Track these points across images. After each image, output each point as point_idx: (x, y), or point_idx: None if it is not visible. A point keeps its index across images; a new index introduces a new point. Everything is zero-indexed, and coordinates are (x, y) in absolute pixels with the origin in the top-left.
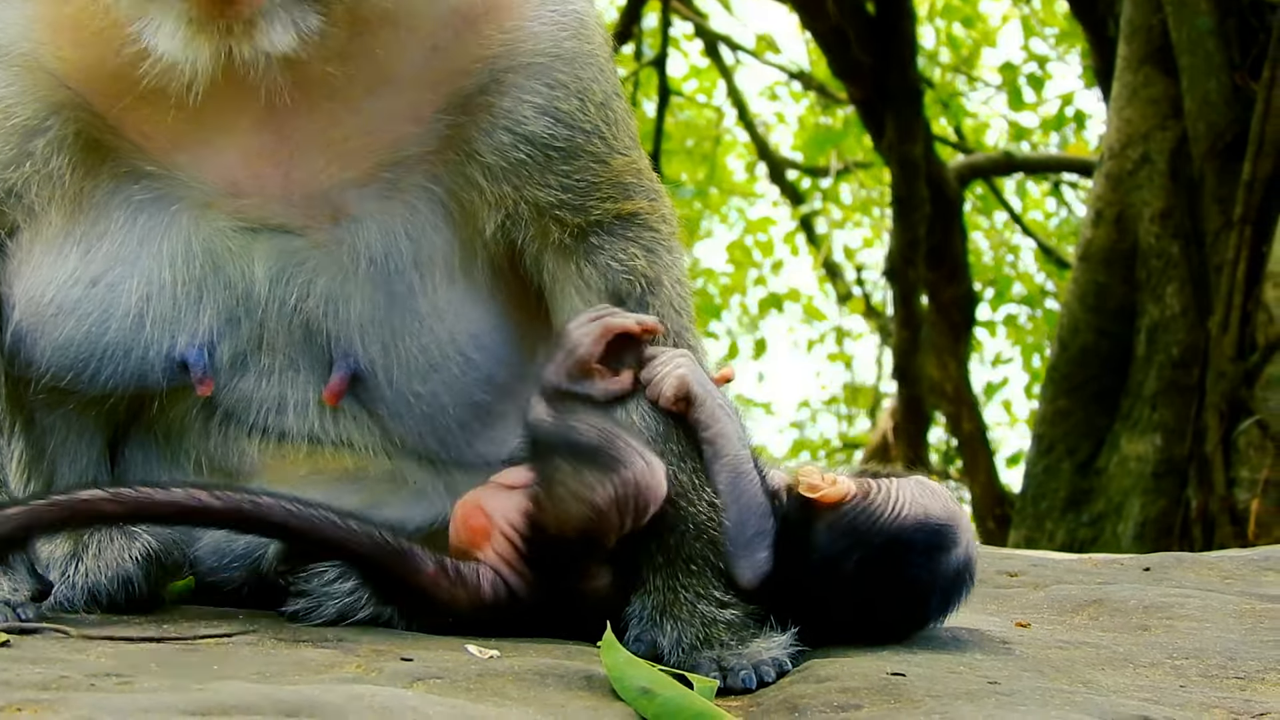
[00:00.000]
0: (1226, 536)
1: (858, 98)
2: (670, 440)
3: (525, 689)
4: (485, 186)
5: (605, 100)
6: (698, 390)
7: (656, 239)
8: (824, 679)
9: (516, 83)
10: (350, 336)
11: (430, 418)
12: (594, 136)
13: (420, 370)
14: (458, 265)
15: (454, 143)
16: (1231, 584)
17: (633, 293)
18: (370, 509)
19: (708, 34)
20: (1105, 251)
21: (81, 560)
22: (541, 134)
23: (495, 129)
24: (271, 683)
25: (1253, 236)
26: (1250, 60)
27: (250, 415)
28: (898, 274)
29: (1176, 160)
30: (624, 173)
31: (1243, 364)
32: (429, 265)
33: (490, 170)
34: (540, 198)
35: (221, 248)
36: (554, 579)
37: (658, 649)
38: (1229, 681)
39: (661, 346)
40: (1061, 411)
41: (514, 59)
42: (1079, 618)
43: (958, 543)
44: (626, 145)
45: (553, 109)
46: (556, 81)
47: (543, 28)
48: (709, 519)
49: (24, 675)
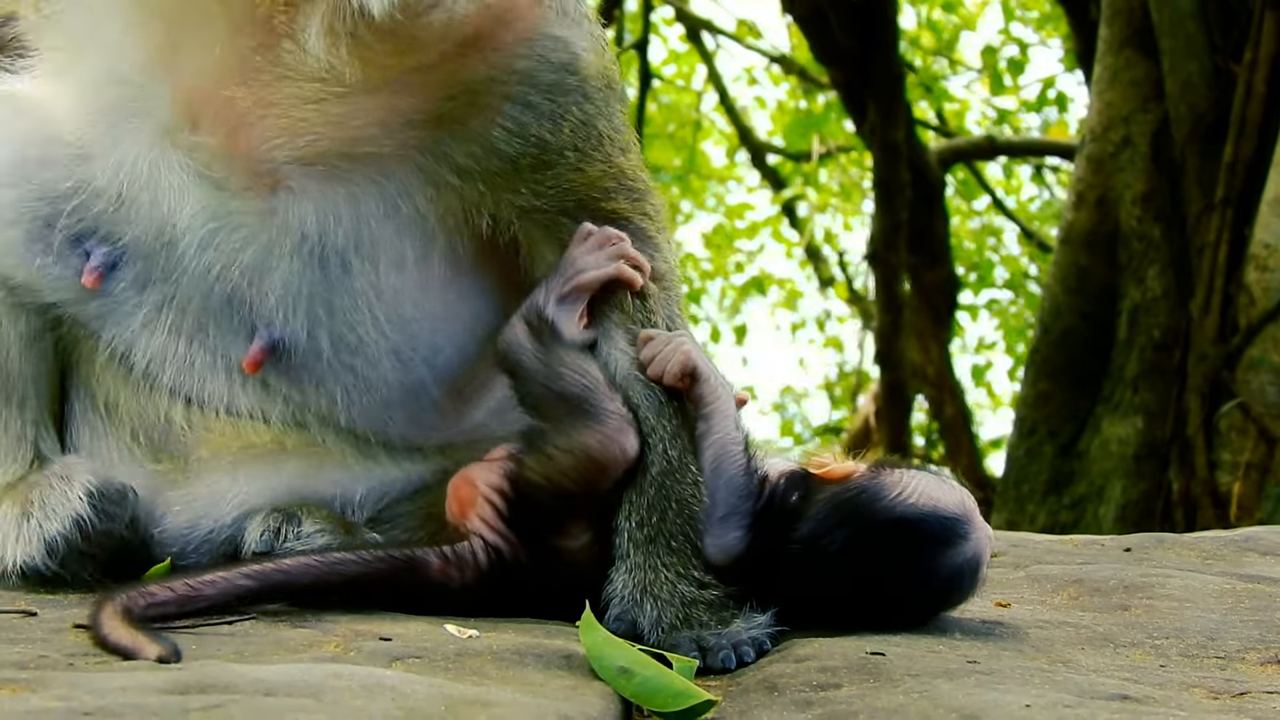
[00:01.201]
0: (1208, 519)
1: (839, 82)
2: (663, 416)
3: (504, 668)
4: (456, 184)
5: (586, 120)
6: (702, 367)
7: (638, 233)
8: (803, 658)
9: (491, 104)
10: (272, 307)
11: (357, 395)
12: (567, 151)
13: (349, 346)
14: (409, 252)
15: (419, 148)
16: (1212, 564)
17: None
18: (303, 484)
19: (689, 18)
20: (1087, 234)
21: (30, 517)
22: (510, 152)
23: (466, 140)
24: (250, 662)
25: (1234, 219)
26: (1231, 42)
27: (165, 375)
28: (879, 258)
29: (1158, 143)
30: (601, 178)
31: (1224, 346)
32: (371, 248)
33: (462, 170)
34: (513, 200)
35: (164, 180)
36: (536, 537)
37: (638, 628)
38: (1209, 661)
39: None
40: (1043, 394)
41: (494, 86)
42: (1059, 598)
43: (966, 539)
44: (607, 154)
45: (523, 133)
46: (530, 105)
47: (529, 63)
48: (692, 497)
49: (2, 655)
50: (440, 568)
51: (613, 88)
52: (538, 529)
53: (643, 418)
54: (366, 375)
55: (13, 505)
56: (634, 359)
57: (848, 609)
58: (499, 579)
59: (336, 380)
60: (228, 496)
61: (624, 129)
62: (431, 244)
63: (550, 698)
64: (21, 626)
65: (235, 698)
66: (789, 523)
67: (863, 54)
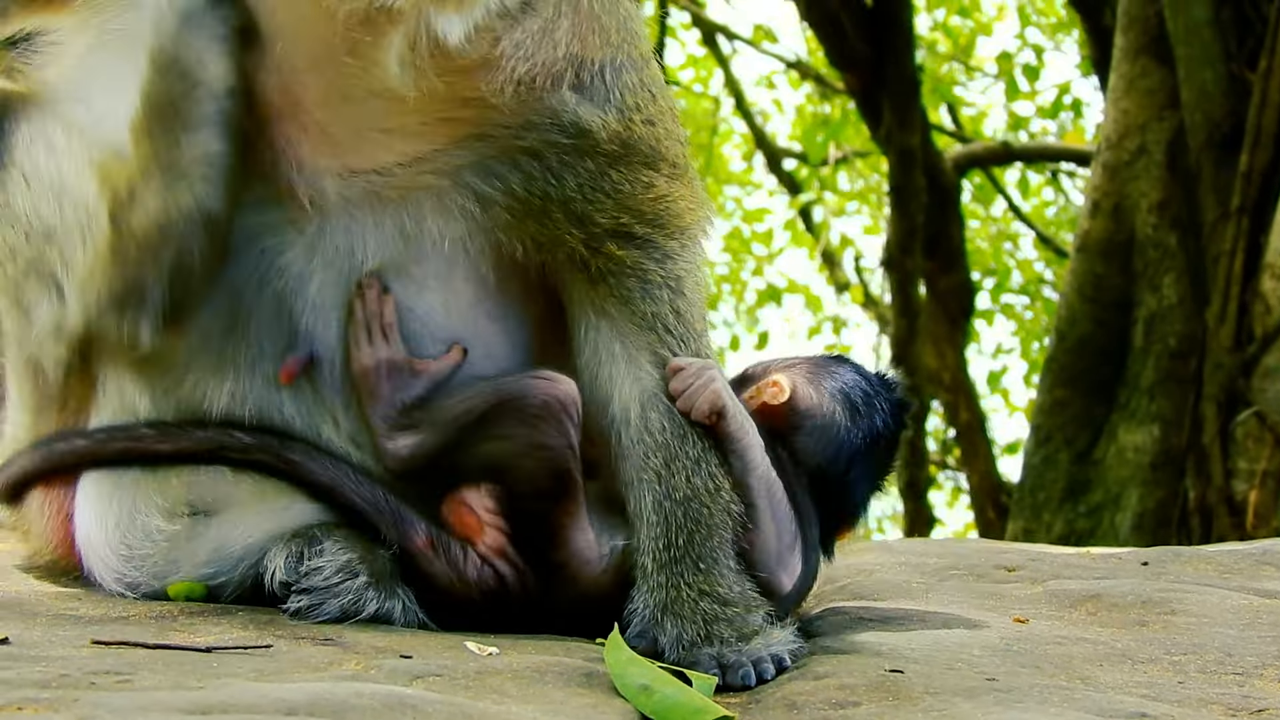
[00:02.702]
0: (1224, 528)
1: (855, 88)
2: (686, 444)
3: (524, 686)
4: (479, 213)
5: (596, 174)
6: (729, 405)
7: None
8: (822, 676)
9: (508, 148)
10: (310, 319)
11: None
12: (574, 201)
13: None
14: (438, 272)
15: (451, 174)
16: (1230, 579)
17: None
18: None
19: (705, 23)
20: (1103, 242)
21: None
22: (521, 194)
23: (489, 175)
24: (271, 681)
25: (1250, 227)
26: (1247, 51)
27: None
28: (895, 263)
29: (1174, 151)
30: (612, 223)
31: (1240, 354)
32: (398, 268)
33: (485, 201)
34: (533, 233)
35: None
36: (540, 556)
37: (658, 646)
38: (1227, 677)
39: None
40: (1059, 402)
41: (511, 133)
42: (1077, 613)
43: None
44: (620, 199)
45: (530, 180)
46: (538, 156)
47: (538, 119)
48: (723, 522)
49: (25, 674)
50: (422, 544)
51: (631, 144)
52: (540, 545)
53: (666, 443)
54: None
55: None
56: (659, 380)
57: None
58: (498, 602)
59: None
60: (246, 531)
61: (652, 168)
62: (458, 266)
63: (570, 716)
64: (42, 644)
65: (257, 717)
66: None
67: (878, 60)
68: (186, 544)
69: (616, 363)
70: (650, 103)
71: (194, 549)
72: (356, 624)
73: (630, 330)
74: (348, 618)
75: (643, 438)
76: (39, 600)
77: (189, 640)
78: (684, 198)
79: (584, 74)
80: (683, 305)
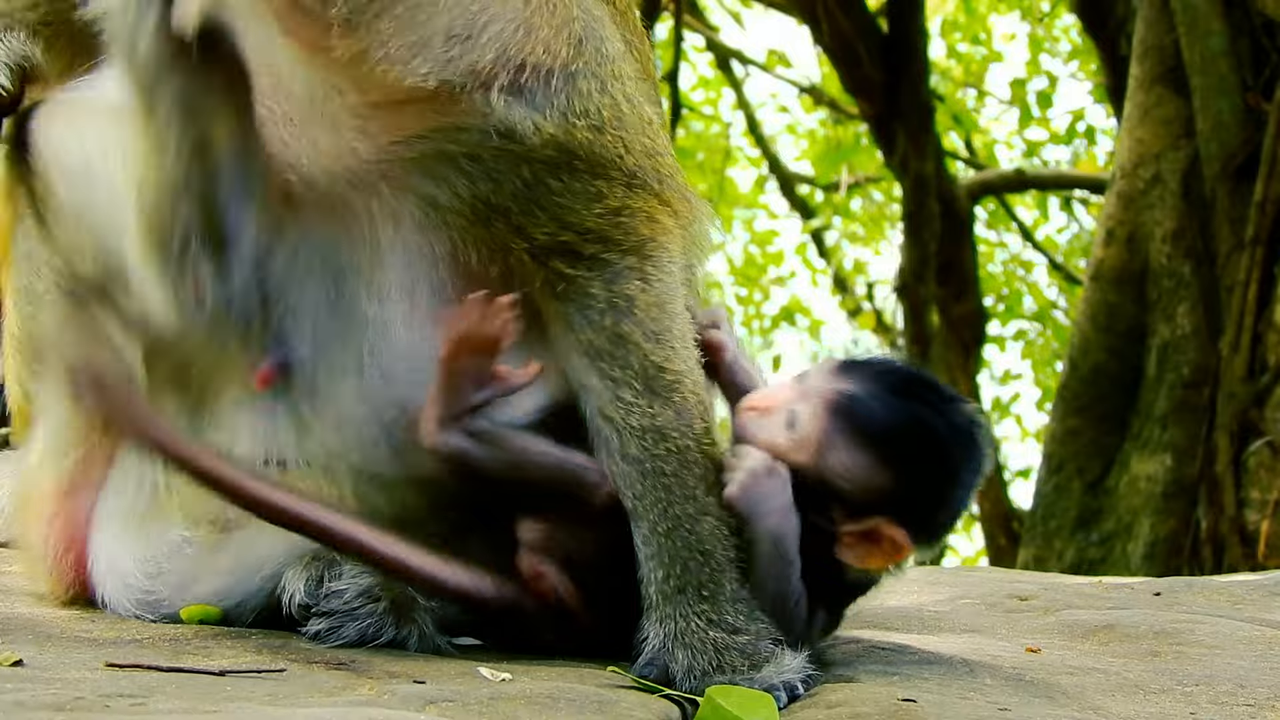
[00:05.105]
0: (1236, 557)
1: (869, 114)
2: (663, 475)
3: (537, 712)
4: (433, 219)
5: (531, 182)
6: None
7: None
8: (835, 704)
9: (447, 154)
10: (283, 325)
11: (345, 425)
12: (512, 211)
13: (342, 373)
14: (396, 282)
15: (399, 180)
16: (1242, 609)
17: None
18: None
19: (719, 48)
20: (1116, 271)
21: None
22: (466, 198)
23: (437, 180)
24: (284, 705)
25: (1264, 257)
26: (1263, 81)
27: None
28: (908, 290)
29: (1188, 180)
30: (559, 230)
31: (1254, 385)
32: (378, 273)
33: (437, 207)
34: (484, 239)
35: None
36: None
37: (669, 674)
38: (1239, 709)
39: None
40: (1071, 430)
41: (449, 136)
42: (1089, 643)
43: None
44: (558, 211)
45: (472, 186)
46: (477, 160)
47: (474, 124)
48: (716, 547)
49: (39, 696)
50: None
51: (571, 150)
52: (594, 588)
53: (643, 472)
54: (352, 405)
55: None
56: (627, 405)
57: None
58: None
59: (335, 406)
60: (265, 551)
61: (600, 177)
62: (418, 274)
63: None
64: (56, 666)
65: None
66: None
67: (891, 86)
68: (209, 555)
69: (589, 390)
70: (609, 110)
71: (215, 560)
72: (370, 649)
73: (586, 351)
74: (365, 642)
75: (620, 466)
76: (53, 622)
77: (202, 663)
78: (645, 210)
79: (523, 78)
80: (627, 327)
